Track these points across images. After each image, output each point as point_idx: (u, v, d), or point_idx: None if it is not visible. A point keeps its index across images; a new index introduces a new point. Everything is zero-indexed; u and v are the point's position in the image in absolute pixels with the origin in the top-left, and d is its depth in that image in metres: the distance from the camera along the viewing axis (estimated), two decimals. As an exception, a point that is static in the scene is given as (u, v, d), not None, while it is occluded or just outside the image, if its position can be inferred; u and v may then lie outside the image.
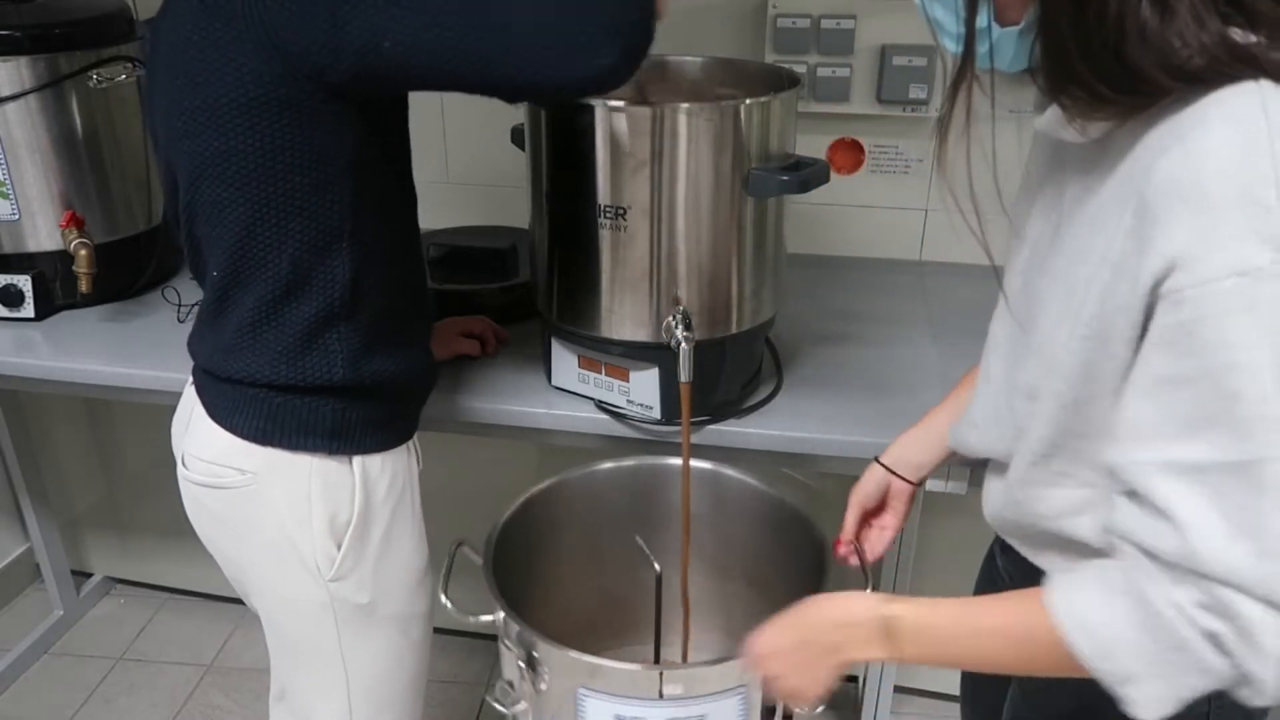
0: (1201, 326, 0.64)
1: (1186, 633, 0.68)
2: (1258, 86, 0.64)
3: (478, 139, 1.88)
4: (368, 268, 1.04)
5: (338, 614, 1.13)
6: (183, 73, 0.96)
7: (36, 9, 1.56)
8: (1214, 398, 0.64)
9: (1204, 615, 0.67)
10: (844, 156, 1.78)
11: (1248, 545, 0.65)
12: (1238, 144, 0.63)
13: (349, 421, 1.07)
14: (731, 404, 1.31)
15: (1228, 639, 0.67)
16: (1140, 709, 0.71)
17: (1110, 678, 0.72)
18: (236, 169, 0.96)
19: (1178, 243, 0.64)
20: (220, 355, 1.07)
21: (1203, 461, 0.66)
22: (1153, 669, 0.70)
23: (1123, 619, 0.71)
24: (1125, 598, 0.71)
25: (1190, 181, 0.64)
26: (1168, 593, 0.69)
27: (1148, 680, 0.71)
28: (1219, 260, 0.62)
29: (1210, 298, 0.63)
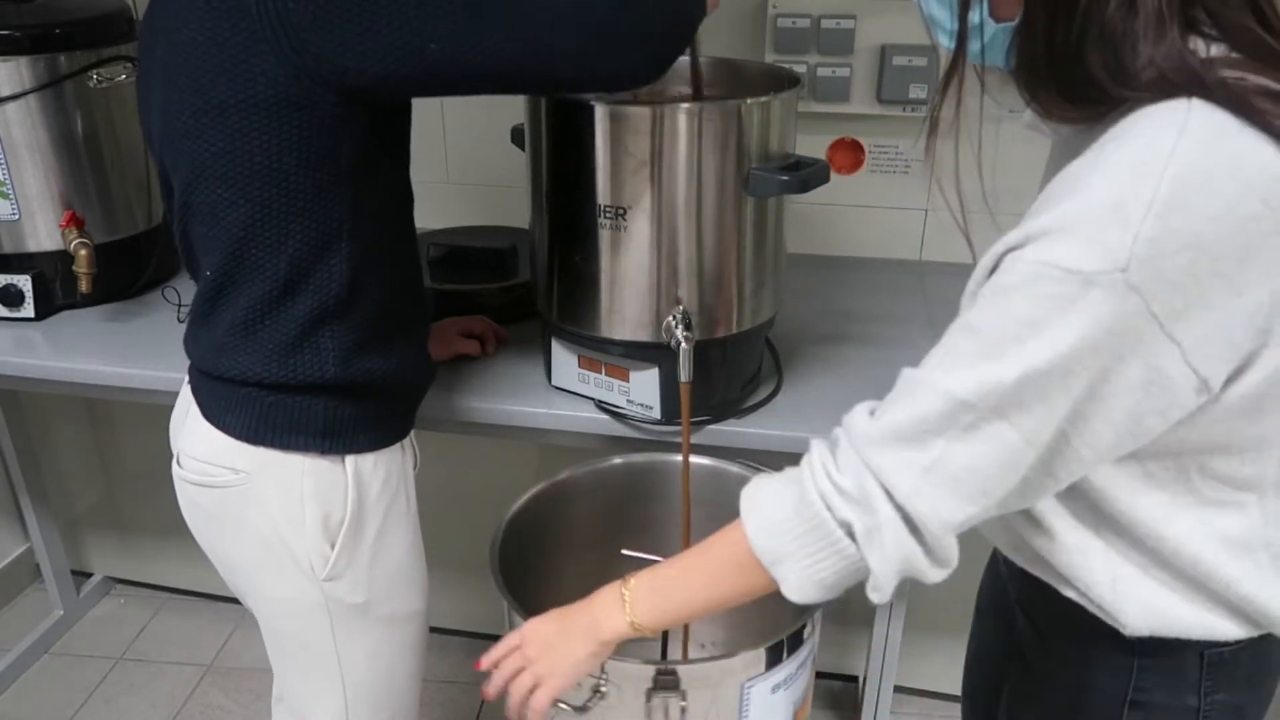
0: (1015, 294, 0.67)
1: (824, 515, 0.76)
2: (1187, 106, 0.64)
3: (478, 139, 1.88)
4: (365, 267, 1.04)
5: (332, 613, 1.13)
6: (184, 73, 0.96)
7: (36, 9, 1.56)
8: (980, 346, 0.69)
9: (843, 503, 0.75)
10: (844, 156, 1.78)
11: (913, 454, 0.72)
12: (1135, 161, 0.64)
13: (341, 420, 1.07)
14: (731, 404, 1.31)
15: (859, 528, 0.75)
16: (788, 589, 0.80)
17: (766, 557, 0.80)
18: (240, 169, 0.96)
19: (1045, 223, 0.66)
20: (213, 354, 1.07)
21: (935, 383, 0.71)
22: (798, 548, 0.78)
23: (785, 503, 0.80)
24: (793, 483, 0.80)
25: (1084, 179, 0.66)
26: (821, 478, 0.77)
27: (794, 559, 0.79)
28: (1061, 251, 0.65)
29: (1036, 275, 0.66)
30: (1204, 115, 0.64)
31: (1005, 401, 0.68)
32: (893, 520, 0.73)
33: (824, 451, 0.79)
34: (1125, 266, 0.62)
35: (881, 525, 0.73)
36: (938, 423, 0.70)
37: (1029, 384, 0.67)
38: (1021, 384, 0.67)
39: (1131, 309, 0.63)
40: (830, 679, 2.11)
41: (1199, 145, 0.63)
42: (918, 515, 0.72)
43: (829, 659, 2.08)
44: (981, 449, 0.69)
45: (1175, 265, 0.62)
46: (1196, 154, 0.63)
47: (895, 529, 0.73)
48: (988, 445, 0.69)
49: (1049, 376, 0.66)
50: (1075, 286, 0.64)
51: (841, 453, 0.77)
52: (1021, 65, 0.73)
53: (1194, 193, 0.62)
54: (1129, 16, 0.66)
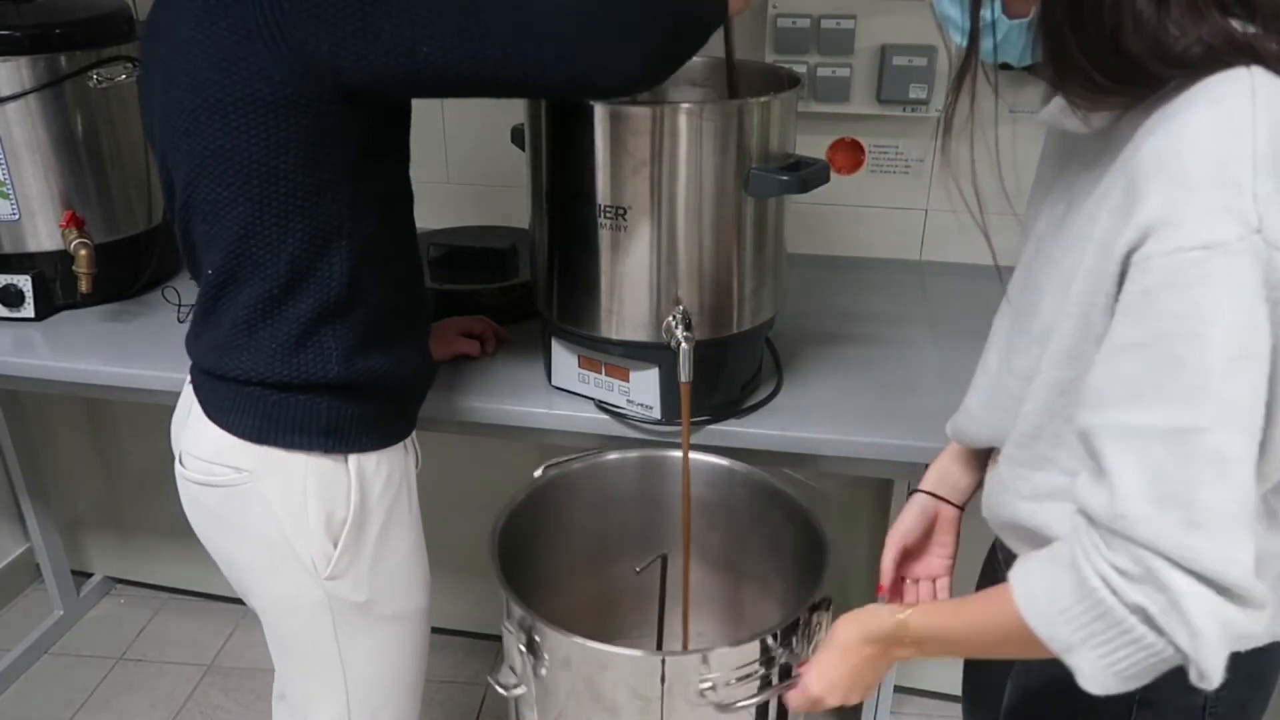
0: (1162, 294, 0.65)
1: (1111, 601, 0.68)
2: (1249, 73, 0.65)
3: (478, 139, 1.88)
4: (365, 266, 1.04)
5: (334, 612, 1.13)
6: (184, 71, 0.96)
7: (36, 9, 1.56)
8: (1162, 364, 0.65)
9: (1128, 585, 0.67)
10: (844, 156, 1.78)
11: (1174, 514, 0.65)
12: (1221, 124, 0.64)
13: (343, 420, 1.07)
14: (731, 404, 1.31)
15: (1154, 611, 0.67)
16: (1084, 680, 0.72)
17: (1055, 647, 0.73)
18: (238, 168, 0.96)
19: (1152, 213, 0.65)
20: (215, 353, 1.07)
21: (1142, 426, 0.66)
22: (1088, 639, 0.70)
23: (1062, 588, 0.72)
24: (1066, 568, 0.72)
25: (1171, 157, 0.65)
26: (1097, 560, 0.69)
27: (1085, 650, 0.71)
28: (1187, 231, 0.63)
29: (1175, 267, 0.64)
30: (1268, 79, 0.65)
31: (1218, 407, 0.64)
32: (1190, 587, 0.65)
33: (1089, 531, 0.71)
34: (1259, 226, 0.62)
35: (1179, 599, 0.65)
36: (1174, 469, 0.65)
37: (1228, 375, 0.63)
38: (1224, 379, 0.63)
39: (1278, 270, 0.62)
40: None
41: (1275, 103, 0.64)
42: (1213, 572, 0.65)
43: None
44: (1232, 470, 0.64)
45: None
46: (1276, 110, 0.63)
47: (1196, 596, 0.65)
48: (1235, 466, 0.64)
49: (1239, 360, 0.63)
50: (1221, 259, 0.62)
51: (1104, 538, 0.69)
52: (1052, 58, 0.72)
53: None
54: (1161, 5, 0.66)
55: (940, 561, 1.06)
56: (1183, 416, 0.64)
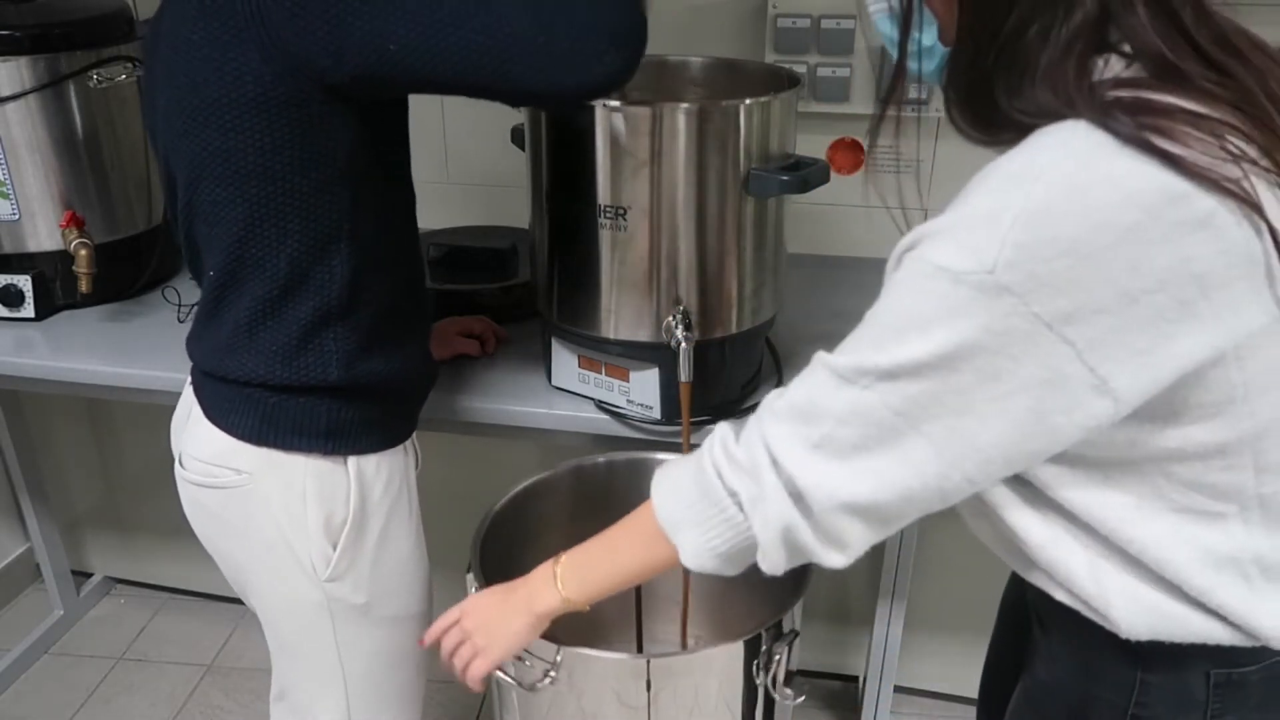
0: (900, 288, 0.72)
1: (715, 483, 0.81)
2: (1073, 128, 0.68)
3: (478, 139, 1.88)
4: (366, 268, 1.04)
5: (334, 614, 1.13)
6: (183, 72, 0.96)
7: (36, 9, 1.56)
8: (869, 324, 0.74)
9: (733, 472, 0.80)
10: (844, 156, 1.78)
11: (803, 429, 0.75)
12: (1016, 171, 0.68)
13: (344, 422, 1.07)
14: (731, 404, 1.31)
15: (744, 497, 0.80)
16: (685, 557, 0.85)
17: (666, 525, 0.86)
18: (236, 168, 0.96)
19: (933, 226, 0.71)
20: (216, 355, 1.07)
21: (829, 361, 0.75)
22: (691, 516, 0.84)
23: (687, 472, 0.85)
24: (693, 459, 0.85)
25: (970, 191, 0.70)
26: (717, 450, 0.82)
27: (689, 527, 0.84)
28: (939, 250, 0.69)
29: (914, 270, 0.71)
30: (1088, 135, 0.66)
31: (884, 387, 0.71)
32: (776, 488, 0.77)
33: (726, 427, 0.84)
34: (992, 268, 0.65)
35: (766, 493, 0.77)
36: (826, 401, 0.74)
37: (906, 373, 0.70)
38: (897, 372, 0.70)
39: (1006, 308, 0.66)
40: (830, 679, 2.11)
41: (1077, 159, 0.66)
42: (803, 485, 0.75)
43: (829, 659, 2.08)
44: (870, 431, 0.72)
45: (1053, 270, 0.64)
46: (1073, 167, 0.66)
47: (778, 497, 0.77)
48: (875, 430, 0.72)
49: (927, 368, 0.69)
50: (947, 284, 0.67)
51: (746, 427, 0.81)
52: (947, 90, 0.78)
53: (1068, 203, 0.64)
54: (1041, 46, 0.70)
55: None
56: (845, 368, 0.73)
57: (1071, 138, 0.67)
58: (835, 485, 0.74)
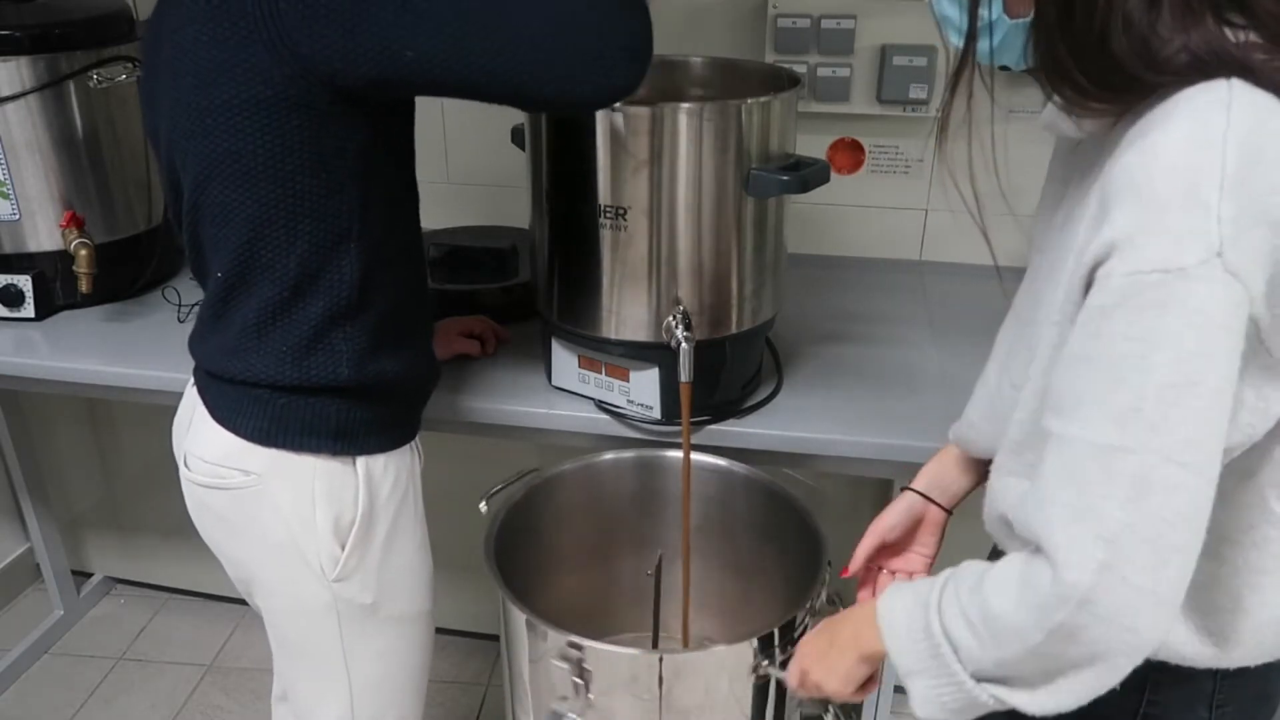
0: (1116, 313, 0.64)
1: (945, 648, 0.74)
2: (1228, 85, 0.64)
3: (478, 139, 1.88)
4: (374, 268, 1.04)
5: (341, 614, 1.13)
6: (190, 73, 0.96)
7: (36, 9, 1.56)
8: (1105, 381, 0.65)
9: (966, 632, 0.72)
10: (844, 156, 1.78)
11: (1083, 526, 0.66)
12: (1193, 141, 0.63)
13: (353, 422, 1.07)
14: (731, 404, 1.31)
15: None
16: (915, 706, 0.77)
17: (900, 671, 0.78)
18: (246, 170, 0.96)
19: (1119, 229, 0.64)
20: (223, 356, 1.07)
21: (1076, 437, 0.66)
22: (922, 670, 0.76)
23: (915, 623, 0.77)
24: (922, 607, 0.77)
25: (1143, 173, 0.64)
26: (949, 607, 0.74)
27: (919, 678, 0.76)
28: (1150, 253, 0.63)
29: (1131, 288, 0.64)
30: (1247, 93, 0.63)
31: (1146, 430, 0.63)
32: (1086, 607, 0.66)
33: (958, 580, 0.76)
34: (1219, 250, 0.61)
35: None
36: (1101, 483, 0.65)
37: (1164, 401, 0.63)
38: (1159, 403, 0.63)
39: (1238, 297, 0.62)
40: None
41: (1250, 120, 0.62)
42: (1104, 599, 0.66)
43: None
44: (1150, 494, 0.64)
45: (1252, 241, 0.61)
46: (1249, 128, 0.62)
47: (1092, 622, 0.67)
48: (1157, 492, 0.64)
49: (1186, 390, 0.62)
50: (1178, 284, 0.61)
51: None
52: (1044, 61, 0.72)
53: (1255, 166, 0.61)
54: (1152, 8, 0.65)
55: (919, 560, 1.06)
56: (1111, 434, 0.64)
57: (1233, 96, 0.63)
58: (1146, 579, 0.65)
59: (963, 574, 0.76)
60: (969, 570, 0.75)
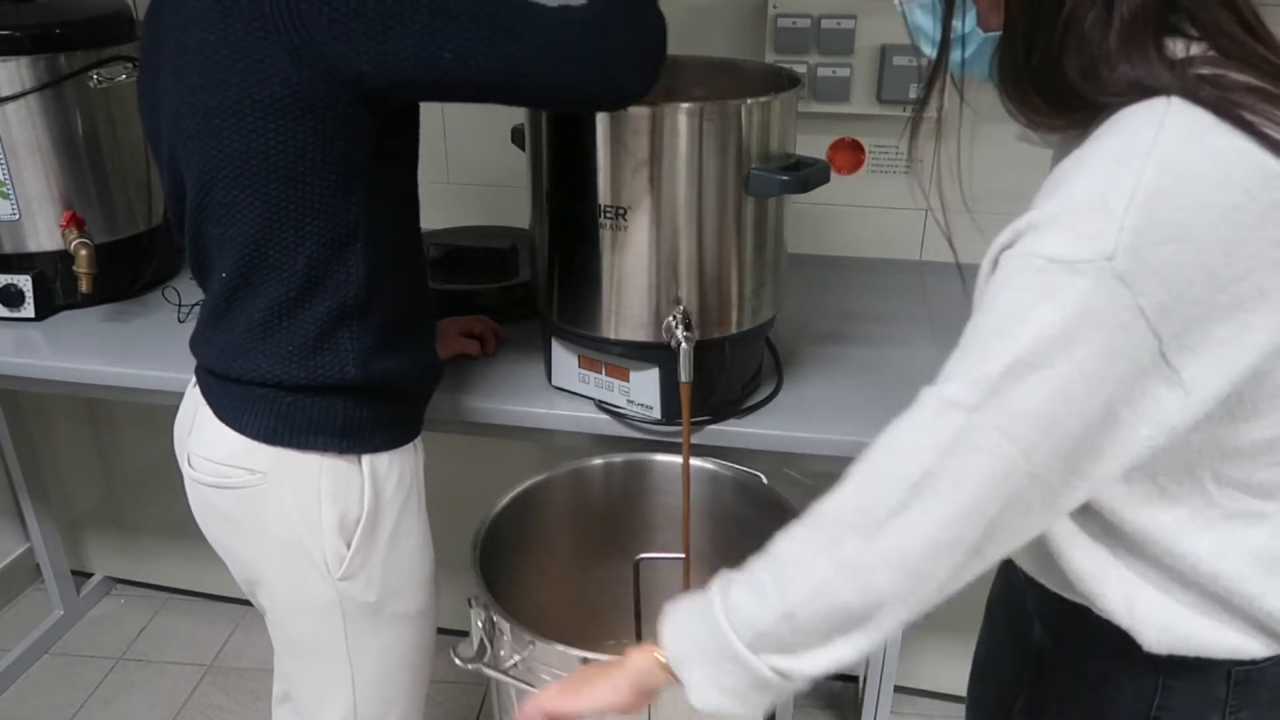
0: (1003, 289, 0.67)
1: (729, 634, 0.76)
2: (1167, 103, 0.65)
3: (478, 139, 1.88)
4: (381, 266, 1.04)
5: (345, 612, 1.13)
6: (196, 74, 0.95)
7: (36, 9, 1.56)
8: (974, 347, 0.69)
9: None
10: (844, 156, 1.78)
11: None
12: (1118, 154, 0.65)
13: (359, 420, 1.07)
14: (731, 404, 1.31)
15: None
16: (691, 695, 0.79)
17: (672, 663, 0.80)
18: (255, 171, 0.96)
19: (1031, 219, 0.67)
20: (228, 356, 1.06)
21: (937, 393, 0.71)
22: (700, 656, 0.78)
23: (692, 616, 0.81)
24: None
25: (1066, 177, 0.67)
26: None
27: (694, 665, 0.78)
28: (1047, 241, 0.65)
29: (1020, 268, 0.66)
30: (1182, 111, 0.64)
31: (994, 399, 0.66)
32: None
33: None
34: (1111, 255, 0.62)
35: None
36: (927, 429, 0.70)
37: (1013, 376, 0.65)
38: (1006, 375, 0.66)
39: (1120, 302, 0.63)
40: (830, 679, 2.11)
41: (1179, 137, 0.63)
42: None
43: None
44: (975, 460, 0.67)
45: (1160, 257, 0.62)
46: (1177, 145, 0.63)
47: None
48: (983, 456, 0.67)
49: (1035, 370, 0.65)
50: (1061, 275, 0.64)
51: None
52: (1004, 76, 0.74)
53: (1177, 183, 0.62)
54: (1104, 28, 0.67)
55: None
56: (960, 392, 0.68)
57: (1168, 114, 0.64)
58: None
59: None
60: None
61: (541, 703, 0.87)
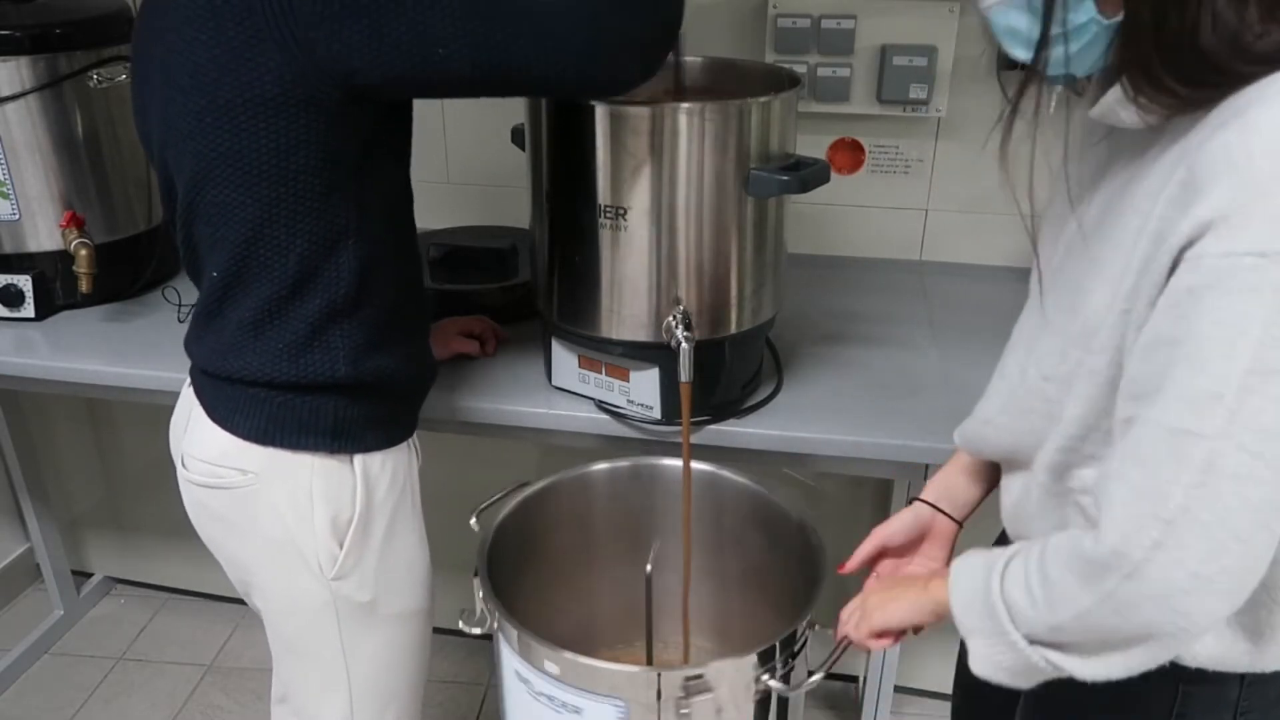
0: (1207, 294, 0.63)
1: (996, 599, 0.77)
2: None
3: (478, 139, 1.88)
4: (372, 265, 1.04)
5: (339, 612, 1.13)
6: (185, 73, 0.95)
7: (36, 9, 1.56)
8: (1189, 364, 0.64)
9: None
10: (844, 156, 1.78)
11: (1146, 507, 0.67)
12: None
13: (349, 420, 1.07)
14: (731, 404, 1.31)
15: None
16: (973, 662, 0.82)
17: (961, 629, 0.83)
18: (246, 170, 0.96)
19: (1215, 209, 0.63)
20: (219, 355, 1.07)
21: (1153, 419, 0.66)
22: (979, 630, 0.80)
23: (977, 584, 0.81)
24: (984, 569, 0.81)
25: (1241, 153, 0.63)
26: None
27: (977, 638, 0.80)
28: (1247, 235, 0.61)
29: (1226, 269, 0.62)
30: None
31: (1234, 420, 0.63)
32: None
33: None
34: None
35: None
36: (1169, 466, 0.65)
37: (1247, 389, 0.62)
38: (1242, 391, 0.62)
39: None
40: (830, 679, 2.11)
41: None
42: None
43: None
44: (1217, 481, 0.64)
45: None
46: None
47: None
48: (1223, 479, 0.63)
49: (1265, 375, 0.61)
50: (1271, 269, 0.60)
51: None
52: (1129, 61, 0.70)
53: None
54: (1241, 7, 0.64)
55: (924, 569, 1.05)
56: (1187, 419, 0.64)
57: None
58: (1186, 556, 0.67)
59: (1034, 543, 0.78)
60: (1040, 540, 0.77)
61: (870, 617, 0.94)
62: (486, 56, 0.92)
